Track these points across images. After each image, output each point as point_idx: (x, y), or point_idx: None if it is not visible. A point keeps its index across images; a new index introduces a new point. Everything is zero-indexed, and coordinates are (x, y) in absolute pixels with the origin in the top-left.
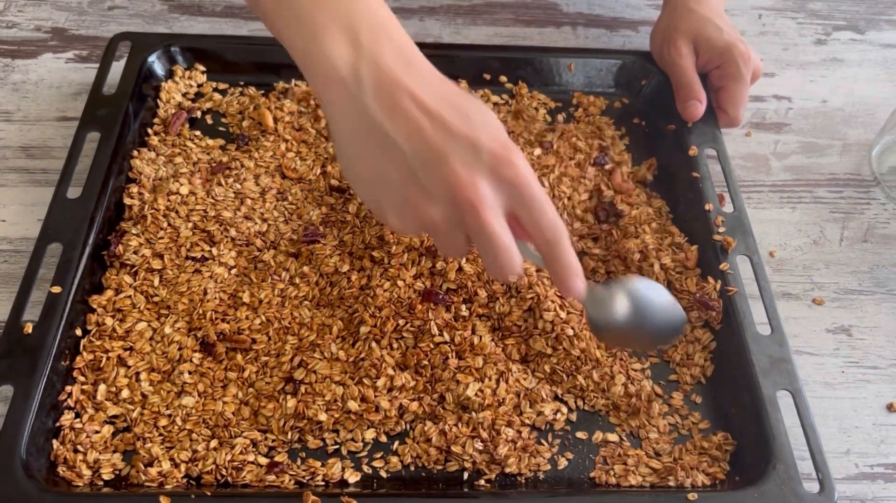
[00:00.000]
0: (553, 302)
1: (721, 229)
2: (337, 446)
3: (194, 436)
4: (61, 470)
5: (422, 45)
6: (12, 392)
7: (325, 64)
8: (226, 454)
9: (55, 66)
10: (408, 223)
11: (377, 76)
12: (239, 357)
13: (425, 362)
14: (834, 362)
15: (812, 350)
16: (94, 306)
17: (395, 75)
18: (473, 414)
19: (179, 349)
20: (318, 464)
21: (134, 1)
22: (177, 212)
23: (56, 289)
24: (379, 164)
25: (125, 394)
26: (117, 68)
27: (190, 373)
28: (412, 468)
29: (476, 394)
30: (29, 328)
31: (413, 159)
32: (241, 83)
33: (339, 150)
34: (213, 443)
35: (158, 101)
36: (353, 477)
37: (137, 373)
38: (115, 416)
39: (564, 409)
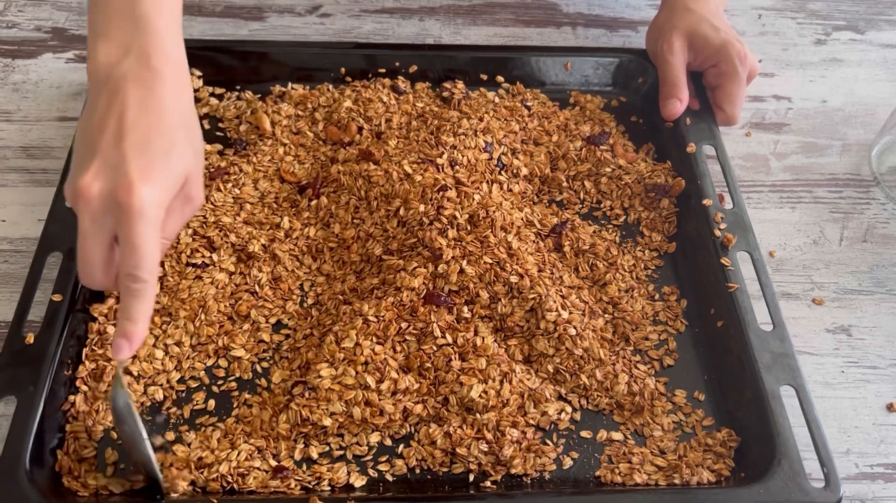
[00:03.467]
0: (555, 302)
1: (721, 226)
2: (342, 450)
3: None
4: (66, 480)
5: (422, 46)
6: (15, 402)
7: (95, 59)
8: (232, 461)
9: (55, 66)
10: (67, 193)
11: (114, 84)
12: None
13: (428, 364)
14: (834, 362)
15: (812, 350)
16: (96, 314)
17: (125, 92)
18: (478, 415)
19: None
20: (324, 468)
21: None
22: None
23: (57, 298)
24: (80, 139)
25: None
26: None
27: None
28: (417, 471)
29: (480, 396)
30: (31, 338)
31: (87, 146)
32: (238, 88)
33: (79, 118)
34: (221, 448)
35: None
36: (358, 481)
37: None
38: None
39: (569, 409)
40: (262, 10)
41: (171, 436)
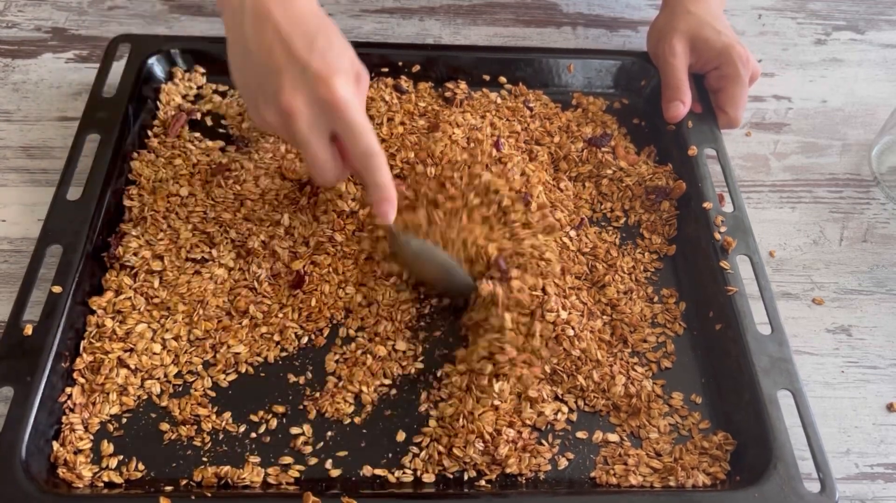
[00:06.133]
0: (554, 303)
1: (721, 229)
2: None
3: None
4: (61, 471)
5: (422, 46)
6: (12, 393)
7: None
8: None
9: (55, 66)
10: (258, 121)
11: (255, 7)
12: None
13: None
14: (834, 362)
15: (812, 350)
16: (94, 308)
17: (267, 9)
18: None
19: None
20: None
21: (134, 1)
22: (177, 213)
23: (57, 289)
24: (247, 72)
25: (125, 397)
26: (118, 68)
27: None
28: (416, 470)
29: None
30: (29, 330)
31: (263, 72)
32: None
33: (229, 59)
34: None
35: (158, 103)
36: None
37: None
38: (115, 416)
39: (565, 409)
40: None
41: None
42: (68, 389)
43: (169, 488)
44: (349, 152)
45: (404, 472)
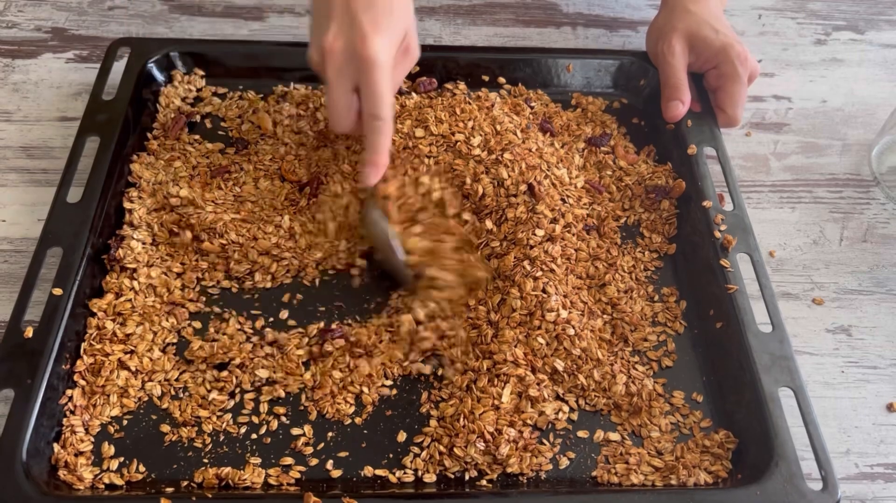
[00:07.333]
0: (555, 301)
1: (721, 227)
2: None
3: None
4: (62, 473)
5: (424, 46)
6: (13, 396)
7: None
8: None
9: (55, 66)
10: (309, 56)
11: None
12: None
13: None
14: (834, 362)
15: (812, 350)
16: (95, 310)
17: None
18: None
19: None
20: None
21: (134, 1)
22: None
23: (57, 292)
24: (315, 12)
25: (126, 398)
26: (118, 69)
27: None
28: (416, 470)
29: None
30: (29, 332)
31: (323, 14)
32: (241, 87)
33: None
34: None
35: (158, 105)
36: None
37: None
38: (115, 418)
39: (566, 409)
40: (262, 10)
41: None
42: (69, 391)
43: (170, 489)
44: (363, 110)
45: (405, 472)
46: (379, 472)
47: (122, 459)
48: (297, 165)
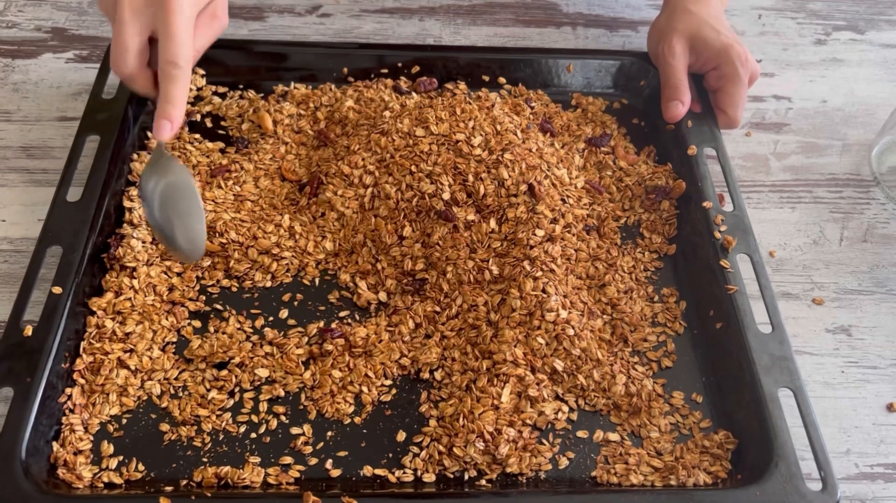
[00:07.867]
0: (555, 302)
1: (721, 228)
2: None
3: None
4: (61, 472)
5: (424, 46)
6: (12, 394)
7: None
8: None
9: (55, 66)
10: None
11: None
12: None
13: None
14: (834, 362)
15: (812, 350)
16: (94, 309)
17: None
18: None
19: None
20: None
21: None
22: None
23: (57, 290)
24: None
25: (125, 397)
26: None
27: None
28: (415, 469)
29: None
30: (29, 330)
31: None
32: (241, 86)
33: None
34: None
35: None
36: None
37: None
38: (115, 417)
39: (565, 409)
40: (262, 10)
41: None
42: (68, 390)
43: (169, 488)
44: (159, 57)
45: (405, 472)
46: (378, 472)
47: (121, 458)
48: (297, 165)
